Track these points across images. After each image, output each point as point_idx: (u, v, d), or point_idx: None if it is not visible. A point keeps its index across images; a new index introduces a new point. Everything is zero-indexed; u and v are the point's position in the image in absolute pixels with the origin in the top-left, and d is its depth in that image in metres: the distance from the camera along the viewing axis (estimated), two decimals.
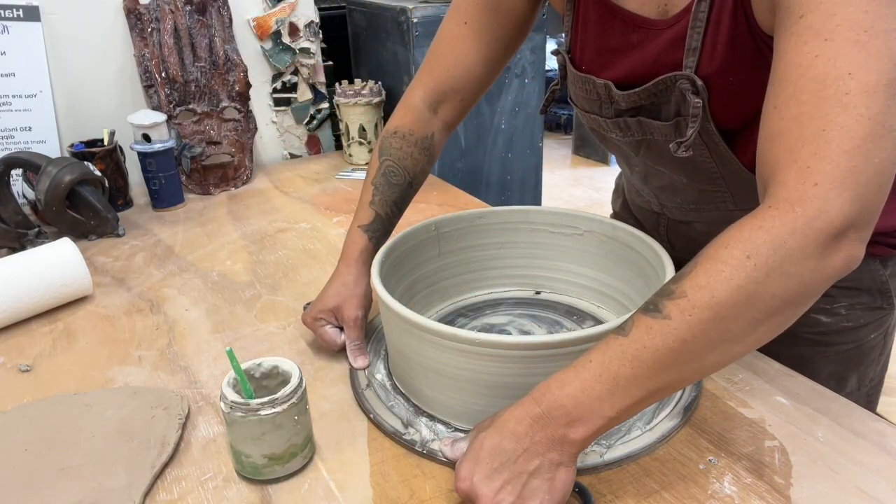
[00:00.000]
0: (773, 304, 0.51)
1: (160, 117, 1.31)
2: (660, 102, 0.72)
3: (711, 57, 0.66)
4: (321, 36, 1.61)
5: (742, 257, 0.51)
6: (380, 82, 1.59)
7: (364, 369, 0.80)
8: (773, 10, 0.58)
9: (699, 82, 0.66)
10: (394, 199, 0.86)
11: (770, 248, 0.50)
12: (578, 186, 3.95)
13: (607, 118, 0.78)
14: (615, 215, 1.08)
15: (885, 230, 0.79)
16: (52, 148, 1.35)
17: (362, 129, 1.56)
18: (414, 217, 1.22)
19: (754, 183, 0.60)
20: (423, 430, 0.70)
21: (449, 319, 0.89)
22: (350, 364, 0.81)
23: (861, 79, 0.50)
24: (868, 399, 0.90)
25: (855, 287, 0.82)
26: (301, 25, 1.57)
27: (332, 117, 1.68)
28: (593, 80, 0.76)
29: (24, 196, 1.25)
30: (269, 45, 1.55)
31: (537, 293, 0.94)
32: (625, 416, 0.55)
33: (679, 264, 0.92)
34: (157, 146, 1.30)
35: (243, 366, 0.66)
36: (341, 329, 0.83)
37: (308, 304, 0.87)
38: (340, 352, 0.83)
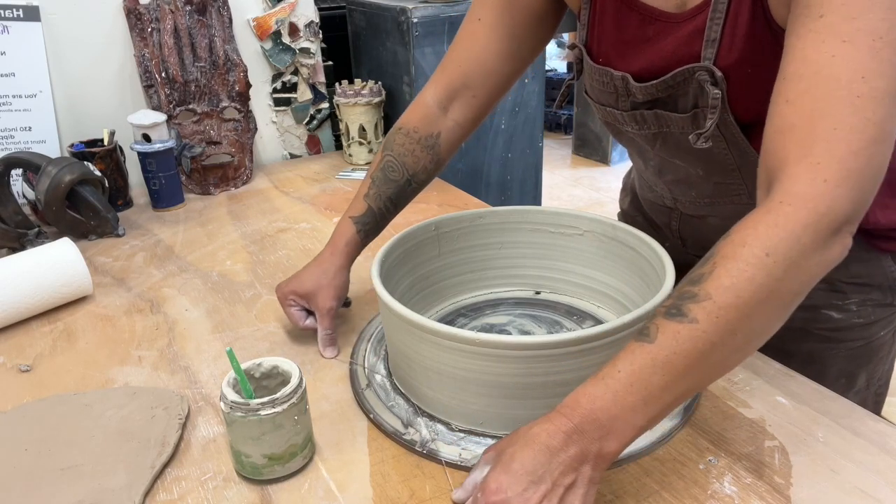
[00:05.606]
0: (788, 298, 0.53)
1: (160, 117, 1.31)
2: (677, 95, 0.72)
3: (730, 49, 0.67)
4: (321, 36, 1.61)
5: (762, 255, 0.52)
6: (380, 82, 1.59)
7: (334, 358, 0.84)
8: (788, 5, 0.59)
9: (718, 73, 0.67)
10: (389, 194, 0.86)
11: (787, 245, 0.52)
12: (578, 186, 3.95)
13: (623, 111, 0.78)
14: (623, 213, 1.08)
15: None
16: (52, 148, 1.35)
17: (362, 129, 1.56)
18: (414, 217, 1.22)
19: None
20: (423, 430, 0.70)
21: (449, 319, 0.89)
22: (322, 354, 0.85)
23: (872, 84, 0.52)
24: (876, 399, 0.91)
25: (867, 283, 0.82)
26: (301, 25, 1.57)
27: (332, 117, 1.68)
28: (611, 72, 0.76)
29: (24, 196, 1.25)
30: (269, 45, 1.55)
31: (537, 293, 0.94)
32: (652, 424, 0.55)
33: (690, 262, 0.92)
34: (157, 146, 1.30)
35: (243, 366, 0.66)
36: (308, 312, 0.86)
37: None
38: (313, 336, 0.86)
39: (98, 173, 1.22)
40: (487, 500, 0.53)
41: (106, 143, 1.33)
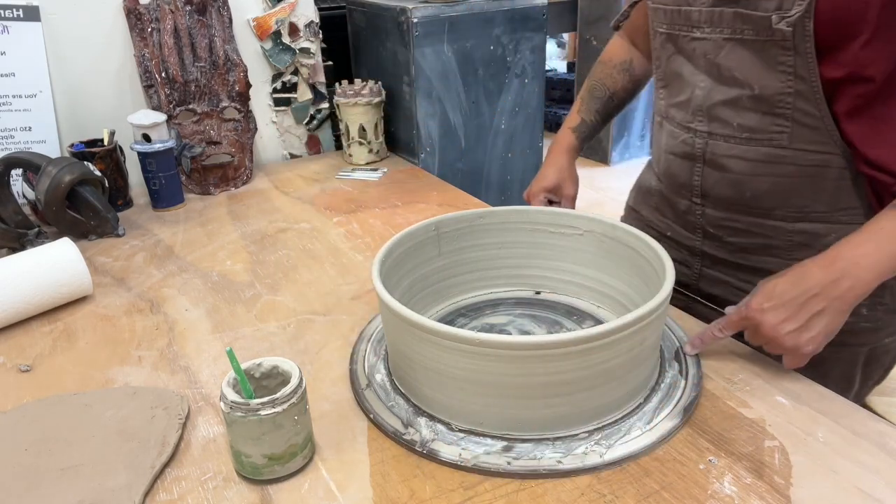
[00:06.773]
0: None
1: (160, 117, 1.31)
2: None
3: None
4: (321, 36, 1.61)
5: None
6: (380, 82, 1.59)
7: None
8: None
9: None
10: (596, 108, 1.08)
11: None
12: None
13: (702, 7, 0.80)
14: (629, 209, 1.10)
15: None
16: (52, 148, 1.35)
17: (362, 129, 1.56)
18: (414, 217, 1.22)
19: (820, 113, 0.73)
20: (423, 430, 0.70)
21: (449, 319, 0.89)
22: None
23: None
24: (864, 400, 0.91)
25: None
26: (301, 25, 1.57)
27: (332, 117, 1.68)
28: None
29: (24, 196, 1.25)
30: (269, 45, 1.55)
31: (537, 293, 0.94)
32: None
33: (707, 232, 0.98)
34: (157, 146, 1.30)
35: (243, 366, 0.66)
36: (550, 203, 1.05)
37: None
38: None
39: (98, 173, 1.22)
40: (749, 315, 0.71)
41: (106, 143, 1.33)
